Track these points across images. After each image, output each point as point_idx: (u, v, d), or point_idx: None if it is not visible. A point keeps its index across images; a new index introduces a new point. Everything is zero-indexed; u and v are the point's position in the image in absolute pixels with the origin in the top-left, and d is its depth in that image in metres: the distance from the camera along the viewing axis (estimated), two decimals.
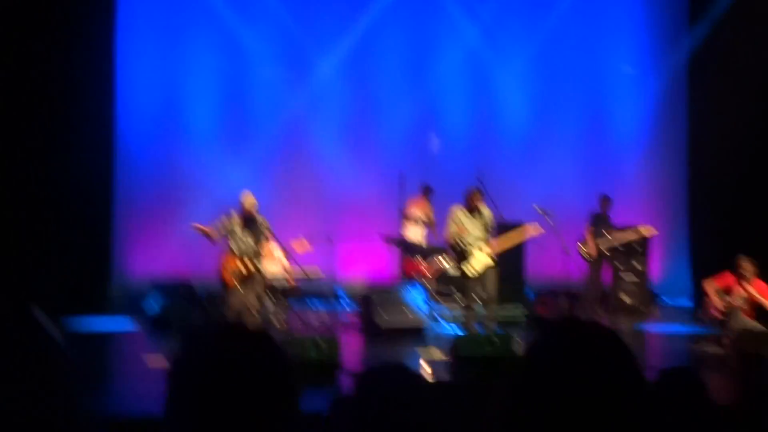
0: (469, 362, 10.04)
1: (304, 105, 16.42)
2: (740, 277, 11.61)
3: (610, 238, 14.57)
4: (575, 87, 17.36)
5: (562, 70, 17.28)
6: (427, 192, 15.64)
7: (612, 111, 17.56)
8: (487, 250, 11.51)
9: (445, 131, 17.00)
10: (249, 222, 10.84)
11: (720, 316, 11.74)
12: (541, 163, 16.98)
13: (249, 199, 10.84)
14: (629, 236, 14.87)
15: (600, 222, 14.64)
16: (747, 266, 11.58)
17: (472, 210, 11.55)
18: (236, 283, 10.66)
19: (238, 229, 10.83)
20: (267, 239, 10.97)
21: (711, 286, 11.90)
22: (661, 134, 17.65)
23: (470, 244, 11.46)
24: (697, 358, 11.39)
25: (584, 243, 14.45)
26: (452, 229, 11.58)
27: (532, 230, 12.35)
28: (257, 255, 10.76)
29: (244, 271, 10.67)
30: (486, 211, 11.73)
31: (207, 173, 15.60)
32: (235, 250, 10.78)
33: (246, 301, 10.81)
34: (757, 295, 11.46)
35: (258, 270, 10.76)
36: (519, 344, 11.23)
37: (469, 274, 11.46)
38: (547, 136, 17.17)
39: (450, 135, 16.95)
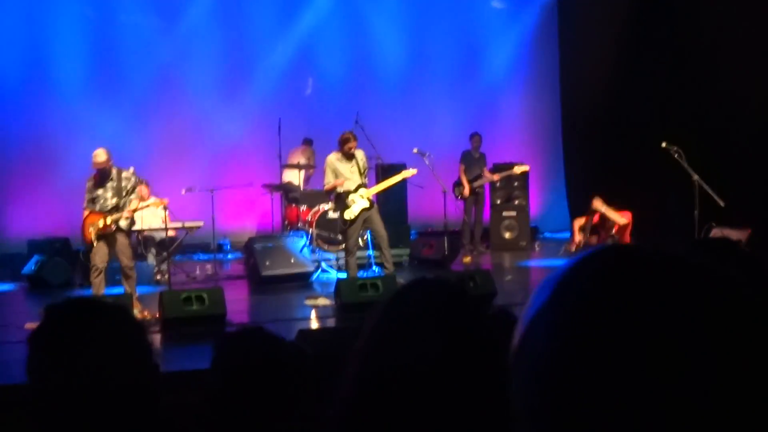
0: (354, 307, 10.05)
1: (175, 52, 16.04)
2: (594, 213, 12.09)
3: (484, 177, 14.76)
4: (449, 26, 17.42)
5: (435, 8, 17.28)
6: (308, 143, 15.62)
7: (486, 48, 17.69)
8: (365, 193, 11.51)
9: (321, 74, 16.85)
10: (104, 179, 10.51)
11: (575, 251, 12.21)
12: (419, 103, 17.06)
13: (99, 157, 10.49)
14: (504, 175, 15.15)
15: (472, 160, 14.77)
16: (596, 203, 12.08)
17: (347, 155, 11.48)
18: (94, 239, 10.40)
19: (92, 187, 10.54)
20: (132, 193, 10.62)
21: (577, 223, 12.36)
22: (534, 70, 17.90)
23: (349, 191, 11.43)
24: None
25: (458, 183, 14.61)
26: (329, 177, 11.51)
27: (406, 173, 12.38)
28: (116, 210, 10.44)
29: (101, 227, 10.39)
30: (360, 154, 11.68)
31: (79, 127, 15.13)
32: (94, 209, 10.49)
33: (105, 257, 10.53)
34: (612, 215, 11.94)
35: (118, 225, 10.46)
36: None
37: (348, 219, 11.45)
38: (424, 76, 17.23)
39: (326, 78, 16.82)
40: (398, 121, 16.50)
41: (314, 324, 9.92)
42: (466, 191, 14.51)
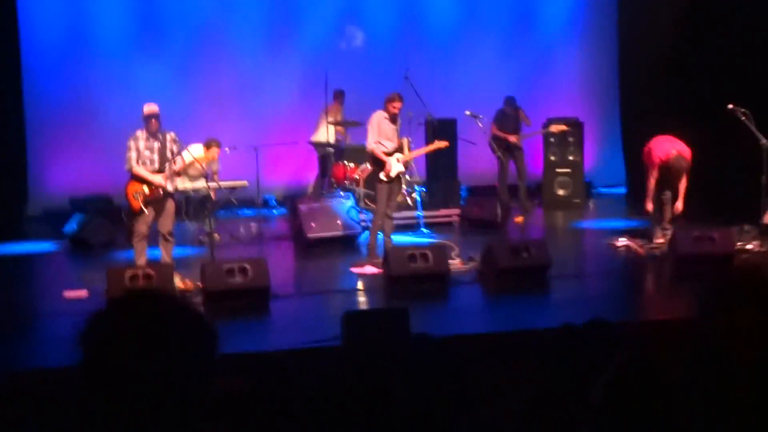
0: (403, 280, 9.68)
1: (217, 6, 15.51)
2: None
3: (521, 135, 14.30)
4: None
5: None
6: (339, 96, 15.04)
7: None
8: (401, 158, 11.02)
9: (369, 27, 16.20)
10: (152, 137, 9.99)
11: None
12: (470, 57, 16.43)
13: (153, 107, 10.00)
14: (533, 134, 14.70)
15: (503, 117, 14.28)
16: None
17: (392, 116, 10.99)
18: (143, 206, 9.96)
19: (142, 145, 10.00)
20: (176, 154, 10.15)
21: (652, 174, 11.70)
22: (591, 22, 17.18)
23: (387, 152, 10.93)
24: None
25: (494, 139, 14.00)
26: (372, 136, 11.00)
27: (439, 144, 11.83)
28: (161, 172, 9.97)
29: (148, 193, 9.96)
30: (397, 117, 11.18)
31: (120, 83, 14.78)
32: (139, 170, 9.97)
33: (149, 222, 10.10)
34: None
35: (165, 190, 10.01)
36: (455, 253, 10.96)
37: (385, 180, 10.97)
38: (475, 30, 16.56)
39: (375, 31, 16.20)
40: (449, 77, 15.94)
41: (361, 299, 9.57)
42: (513, 139, 14.00)
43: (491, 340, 7.79)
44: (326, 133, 14.34)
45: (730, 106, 11.29)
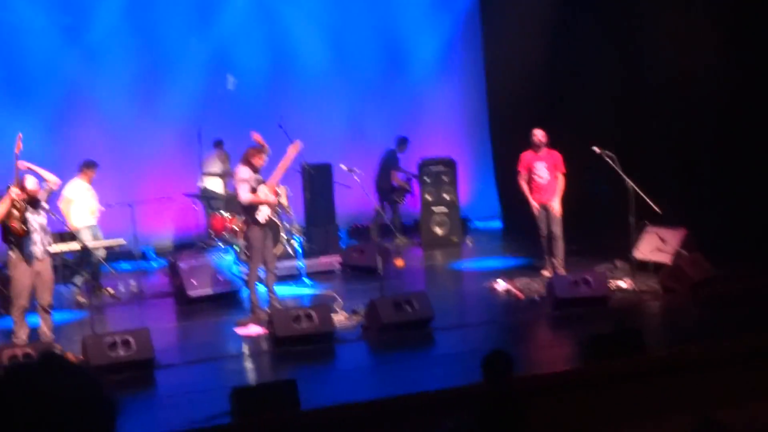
0: (288, 340, 9.67)
1: (85, 60, 15.17)
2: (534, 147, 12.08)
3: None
4: (370, 20, 16.88)
5: (355, 4, 16.77)
6: (219, 145, 15.00)
7: (409, 44, 17.24)
8: (272, 199, 10.94)
9: (240, 76, 16.11)
10: (34, 205, 9.83)
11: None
12: (343, 101, 16.56)
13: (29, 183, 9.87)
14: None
15: (397, 163, 14.83)
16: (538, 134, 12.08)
17: (256, 168, 10.92)
18: (21, 225, 9.69)
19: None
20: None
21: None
22: (459, 63, 17.50)
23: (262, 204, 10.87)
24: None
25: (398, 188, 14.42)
26: (244, 189, 10.88)
27: (293, 150, 11.42)
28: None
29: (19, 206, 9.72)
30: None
31: None
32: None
33: (29, 291, 9.90)
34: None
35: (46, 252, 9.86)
36: (338, 306, 10.99)
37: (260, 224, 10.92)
38: (346, 73, 16.69)
39: (245, 80, 16.13)
40: (323, 122, 16.01)
41: (248, 365, 9.52)
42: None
43: (380, 405, 7.86)
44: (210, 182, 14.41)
45: (596, 149, 11.61)
